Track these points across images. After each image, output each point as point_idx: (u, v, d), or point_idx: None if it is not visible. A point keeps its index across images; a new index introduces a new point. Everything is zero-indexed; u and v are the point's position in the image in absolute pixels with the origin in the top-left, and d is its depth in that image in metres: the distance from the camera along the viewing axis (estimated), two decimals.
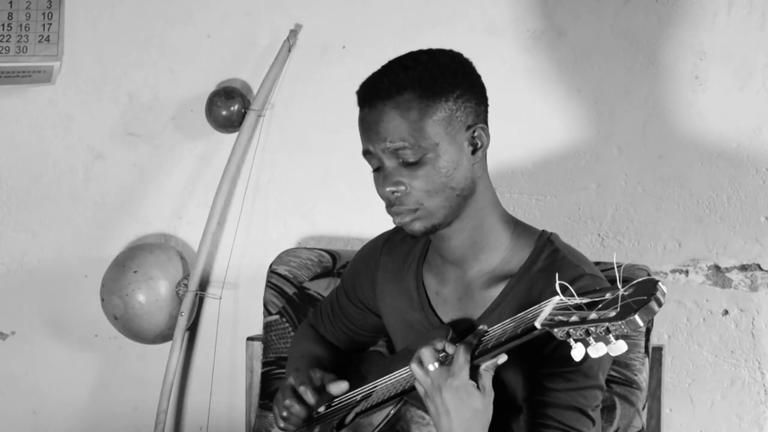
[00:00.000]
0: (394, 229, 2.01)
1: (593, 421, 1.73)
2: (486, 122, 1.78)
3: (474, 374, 1.61)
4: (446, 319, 1.85)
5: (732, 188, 2.42)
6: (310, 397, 1.87)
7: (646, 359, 2.13)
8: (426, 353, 1.63)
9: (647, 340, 2.13)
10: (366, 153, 1.77)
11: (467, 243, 1.80)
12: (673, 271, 2.46)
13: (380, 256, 2.00)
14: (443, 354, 1.64)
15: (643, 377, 2.12)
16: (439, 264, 1.87)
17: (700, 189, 2.43)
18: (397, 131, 1.71)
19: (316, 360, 2.04)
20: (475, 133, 1.75)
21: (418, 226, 1.75)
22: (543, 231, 1.84)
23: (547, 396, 1.71)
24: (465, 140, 1.74)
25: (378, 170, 1.77)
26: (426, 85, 1.72)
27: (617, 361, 2.11)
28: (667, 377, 2.40)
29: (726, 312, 2.45)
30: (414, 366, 1.64)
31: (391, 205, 1.76)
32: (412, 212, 1.74)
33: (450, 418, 1.61)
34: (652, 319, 2.04)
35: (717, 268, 2.44)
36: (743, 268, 2.43)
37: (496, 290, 1.80)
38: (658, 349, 2.22)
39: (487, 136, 1.77)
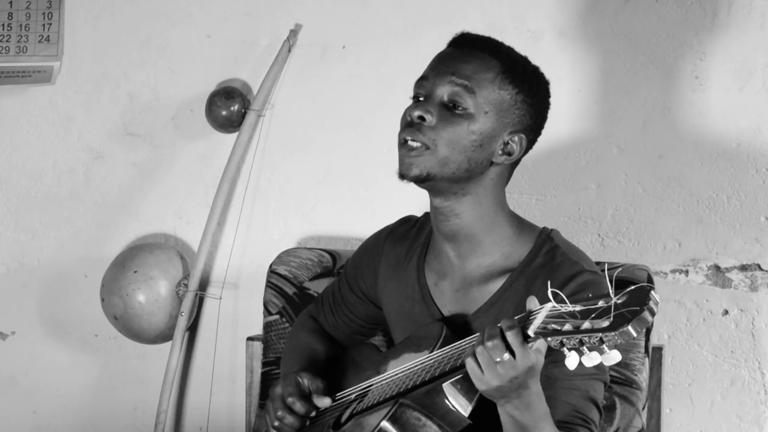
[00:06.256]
0: (398, 221, 2.03)
1: (601, 413, 1.72)
2: (529, 148, 1.82)
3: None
4: (445, 311, 1.86)
5: (732, 188, 2.42)
6: (300, 408, 1.86)
7: (646, 359, 2.13)
8: (490, 346, 1.53)
9: (647, 340, 2.13)
10: (421, 79, 1.79)
11: (466, 231, 1.80)
12: (673, 271, 2.46)
13: (384, 246, 2.00)
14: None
15: (643, 377, 2.12)
16: (440, 257, 1.87)
17: (700, 189, 2.43)
18: (468, 73, 1.75)
19: (310, 356, 2.04)
20: (515, 139, 1.78)
21: (415, 166, 1.75)
22: (544, 228, 1.85)
23: (557, 382, 1.69)
24: (504, 137, 1.77)
25: (418, 101, 1.79)
26: (512, 68, 1.78)
27: None
28: (667, 377, 2.40)
29: (726, 312, 2.45)
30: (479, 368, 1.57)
31: (409, 126, 1.76)
32: (422, 148, 1.75)
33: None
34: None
35: (717, 268, 2.44)
36: (743, 268, 2.43)
37: (495, 285, 1.80)
38: (658, 349, 2.22)
39: (521, 151, 1.80)
